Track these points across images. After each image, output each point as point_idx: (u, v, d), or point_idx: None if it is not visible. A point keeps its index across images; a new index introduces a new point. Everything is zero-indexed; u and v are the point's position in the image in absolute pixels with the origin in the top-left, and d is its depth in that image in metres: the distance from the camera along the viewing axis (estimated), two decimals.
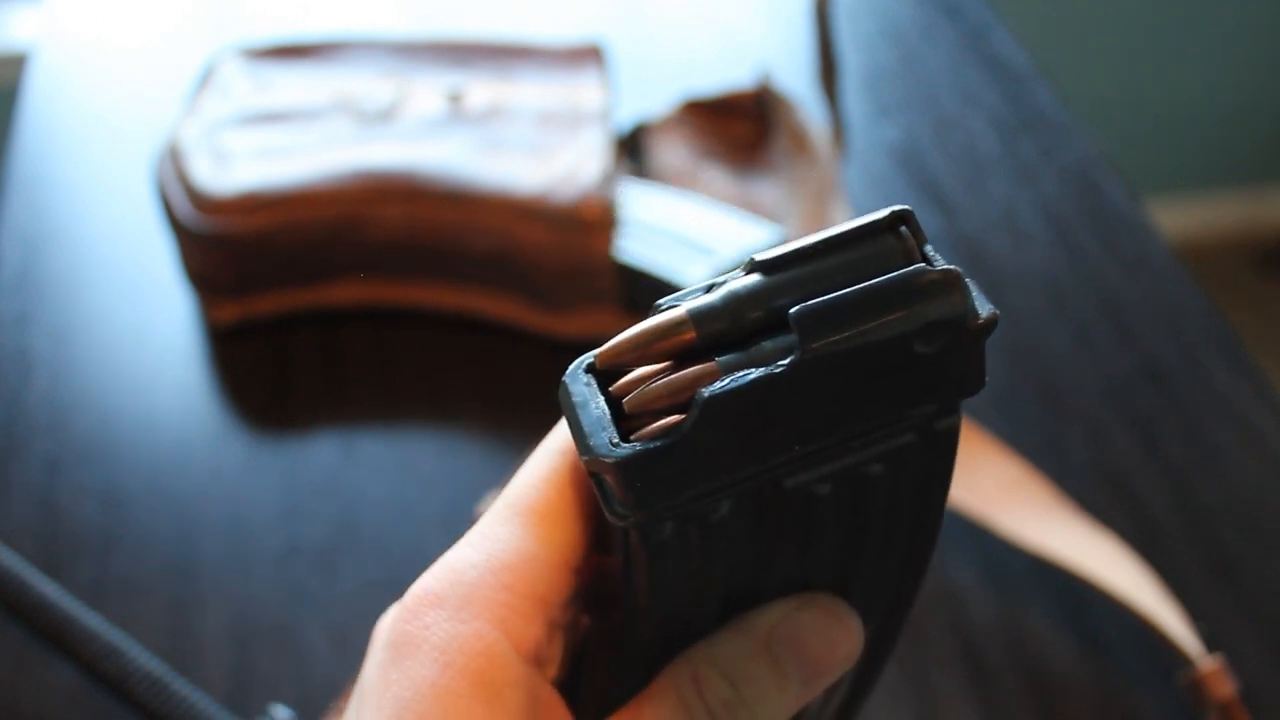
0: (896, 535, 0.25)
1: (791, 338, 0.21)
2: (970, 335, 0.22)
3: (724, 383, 0.21)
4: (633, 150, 0.66)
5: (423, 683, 0.22)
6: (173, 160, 0.59)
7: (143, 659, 0.46)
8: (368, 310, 0.61)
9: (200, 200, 0.57)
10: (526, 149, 0.59)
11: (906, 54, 0.80)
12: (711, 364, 0.21)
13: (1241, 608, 0.50)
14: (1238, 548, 0.52)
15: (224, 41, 0.79)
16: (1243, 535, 0.52)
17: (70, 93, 0.76)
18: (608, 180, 0.57)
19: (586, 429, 0.22)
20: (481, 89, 0.63)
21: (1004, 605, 0.50)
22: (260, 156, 0.59)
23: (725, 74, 0.76)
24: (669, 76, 0.75)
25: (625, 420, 0.22)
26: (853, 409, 0.22)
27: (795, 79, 0.76)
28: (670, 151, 0.66)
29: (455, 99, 0.62)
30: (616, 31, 0.81)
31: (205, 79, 0.64)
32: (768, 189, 0.64)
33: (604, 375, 0.23)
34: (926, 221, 0.67)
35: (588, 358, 0.23)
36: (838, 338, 0.21)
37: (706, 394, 0.21)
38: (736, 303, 0.22)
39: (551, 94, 0.63)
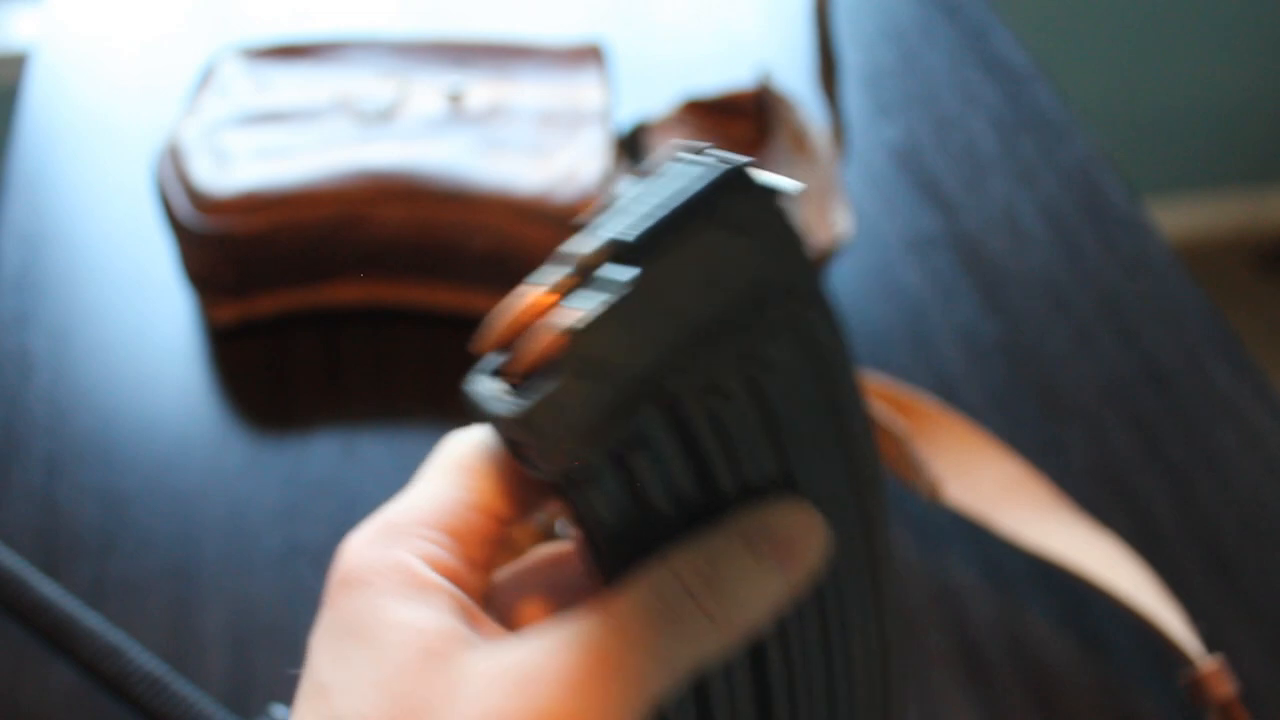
0: (821, 432, 0.26)
1: (626, 266, 0.23)
2: (763, 203, 0.24)
3: (579, 315, 0.23)
4: (633, 150, 0.66)
5: (352, 596, 0.25)
6: (173, 160, 0.60)
7: (143, 659, 0.46)
8: (368, 310, 0.61)
9: (200, 200, 0.57)
10: (526, 149, 0.59)
11: (906, 54, 0.80)
12: (561, 306, 0.23)
13: (1241, 608, 0.50)
14: (1238, 548, 0.52)
15: (224, 41, 0.79)
16: (1243, 535, 0.53)
17: (70, 93, 0.76)
18: (608, 180, 0.57)
19: (483, 403, 0.24)
20: (481, 89, 0.63)
21: (1004, 605, 0.50)
22: (260, 156, 0.59)
23: (725, 74, 0.76)
24: (669, 76, 0.76)
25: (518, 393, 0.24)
26: (710, 314, 0.24)
27: (795, 79, 0.76)
28: None
29: (455, 99, 0.62)
30: (616, 31, 0.81)
31: (205, 79, 0.64)
32: None
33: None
34: (927, 221, 0.67)
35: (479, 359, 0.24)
36: (660, 244, 0.23)
37: (567, 326, 0.23)
38: (580, 258, 0.24)
39: (551, 94, 0.63)
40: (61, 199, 0.68)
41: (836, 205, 0.59)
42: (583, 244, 0.24)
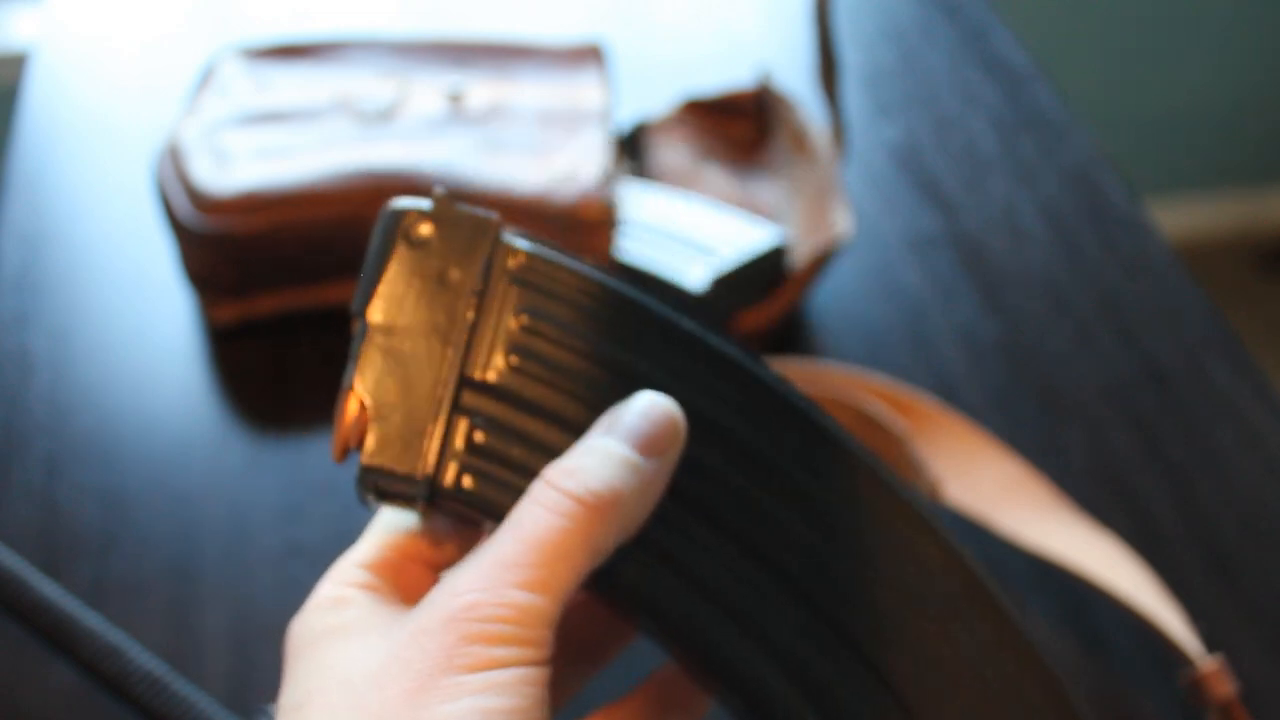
0: (589, 338, 0.30)
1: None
2: (421, 219, 0.30)
3: (348, 379, 0.29)
4: (633, 150, 0.66)
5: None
6: (173, 160, 0.60)
7: (143, 659, 0.46)
8: None
9: (200, 200, 0.57)
10: (527, 149, 0.59)
11: (906, 54, 0.80)
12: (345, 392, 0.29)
13: (1241, 608, 0.50)
14: (1238, 548, 0.52)
15: (224, 41, 0.79)
16: (1243, 535, 0.52)
17: (70, 93, 0.76)
18: (608, 180, 0.57)
19: (358, 492, 0.30)
20: (482, 89, 0.63)
21: None
22: (260, 156, 0.59)
23: (725, 74, 0.76)
24: (669, 76, 0.75)
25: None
26: (439, 304, 0.29)
27: (795, 79, 0.76)
28: (670, 151, 0.66)
29: (455, 99, 0.62)
30: (616, 31, 0.81)
31: (205, 79, 0.64)
32: (768, 189, 0.64)
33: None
34: (927, 221, 0.67)
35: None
36: (368, 294, 0.30)
37: (349, 389, 0.29)
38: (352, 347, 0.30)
39: (552, 94, 0.63)
40: (61, 199, 0.68)
41: (836, 205, 0.59)
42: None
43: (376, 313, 0.29)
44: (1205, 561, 0.52)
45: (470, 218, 0.30)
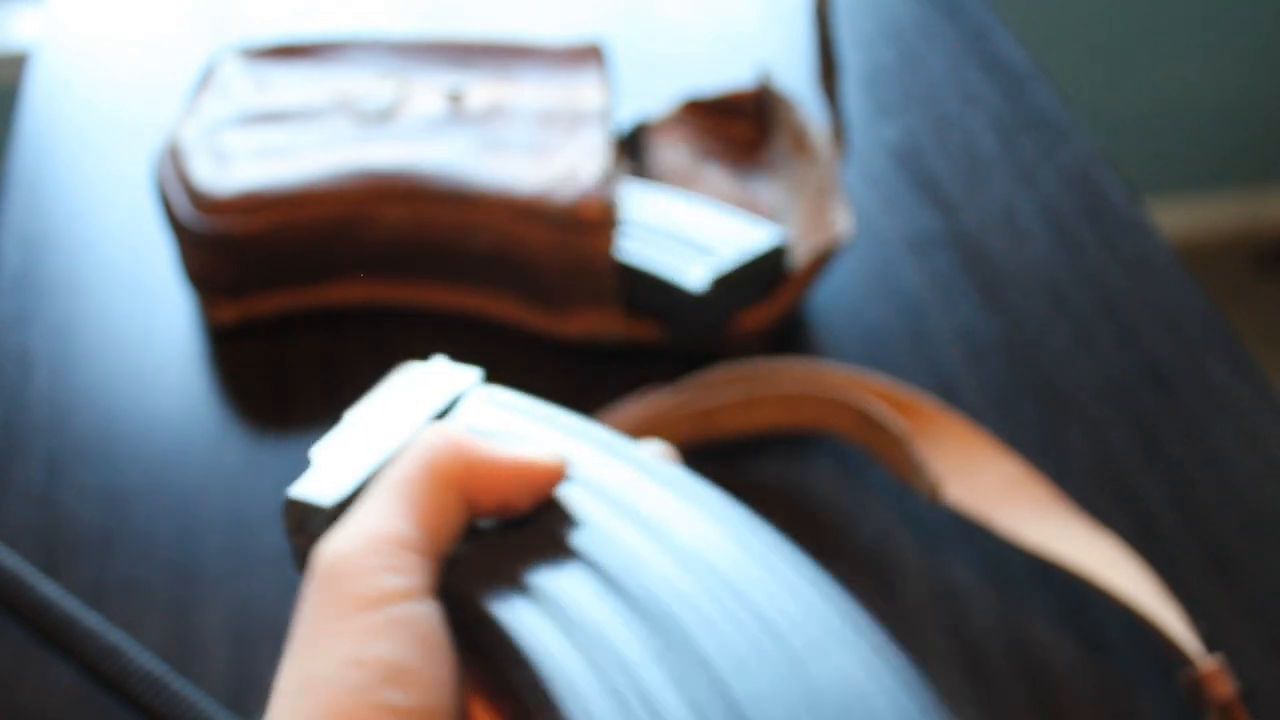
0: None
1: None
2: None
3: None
4: (633, 150, 0.66)
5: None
6: (173, 160, 0.60)
7: (143, 659, 0.46)
8: (368, 310, 0.61)
9: (200, 200, 0.57)
10: (526, 149, 0.59)
11: (906, 54, 0.80)
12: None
13: (1241, 607, 0.50)
14: (1238, 548, 0.52)
15: (224, 41, 0.79)
16: (1243, 535, 0.53)
17: (71, 92, 0.76)
18: (608, 180, 0.57)
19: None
20: (481, 89, 0.63)
21: (1004, 605, 0.50)
22: (260, 156, 0.59)
23: (725, 73, 0.76)
24: (669, 76, 0.76)
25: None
26: (408, 412, 0.34)
27: (795, 79, 0.76)
28: (670, 151, 0.66)
29: (455, 99, 0.62)
30: (617, 31, 0.81)
31: (205, 79, 0.64)
32: (768, 189, 0.64)
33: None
34: (927, 221, 0.67)
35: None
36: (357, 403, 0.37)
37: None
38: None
39: (551, 94, 0.63)
40: (62, 199, 0.68)
41: (836, 205, 0.59)
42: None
43: (352, 414, 0.34)
44: (1205, 561, 0.52)
45: (457, 367, 0.36)
